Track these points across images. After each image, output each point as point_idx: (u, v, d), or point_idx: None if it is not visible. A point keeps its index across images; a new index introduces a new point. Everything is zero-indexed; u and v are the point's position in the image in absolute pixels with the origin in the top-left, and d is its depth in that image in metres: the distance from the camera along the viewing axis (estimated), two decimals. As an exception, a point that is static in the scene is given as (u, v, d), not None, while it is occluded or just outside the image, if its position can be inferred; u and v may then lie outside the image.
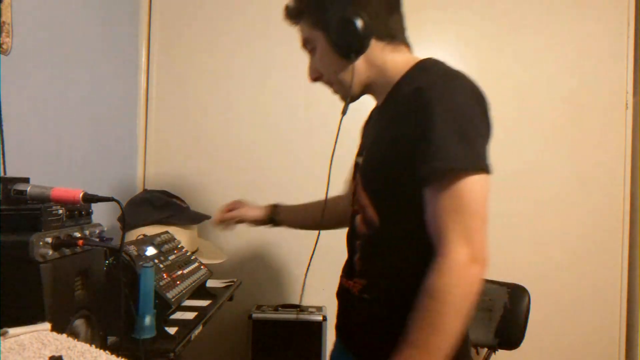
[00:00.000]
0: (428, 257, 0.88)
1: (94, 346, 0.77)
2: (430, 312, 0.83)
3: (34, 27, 1.35)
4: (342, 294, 1.11)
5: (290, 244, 2.11)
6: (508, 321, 1.72)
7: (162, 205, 1.65)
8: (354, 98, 1.06)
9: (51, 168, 1.45)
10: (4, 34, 1.21)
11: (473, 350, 1.94)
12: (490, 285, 1.80)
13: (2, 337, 0.73)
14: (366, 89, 1.06)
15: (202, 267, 1.50)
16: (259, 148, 2.15)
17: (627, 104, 2.13)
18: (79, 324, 0.91)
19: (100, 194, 0.93)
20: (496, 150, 2.11)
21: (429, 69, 0.98)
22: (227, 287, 1.68)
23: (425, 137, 0.86)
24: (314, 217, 1.34)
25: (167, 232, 1.52)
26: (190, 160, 2.16)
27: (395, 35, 1.03)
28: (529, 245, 2.13)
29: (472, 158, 0.86)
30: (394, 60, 1.02)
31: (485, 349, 1.77)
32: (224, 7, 2.15)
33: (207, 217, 1.79)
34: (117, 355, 0.74)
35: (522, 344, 1.70)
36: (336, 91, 1.08)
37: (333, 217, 1.29)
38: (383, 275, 0.99)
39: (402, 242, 0.97)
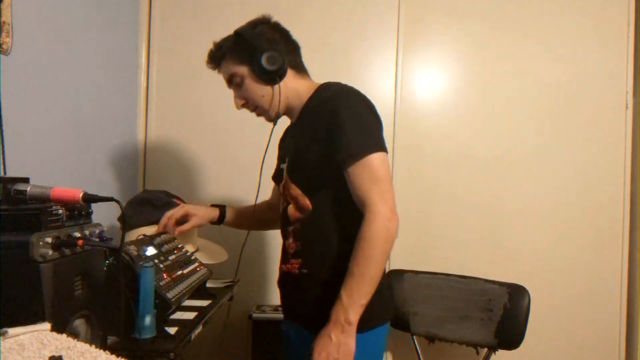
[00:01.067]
0: (347, 231, 1.18)
1: (94, 346, 0.77)
2: (364, 251, 1.12)
3: (34, 27, 1.35)
4: (283, 279, 1.34)
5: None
6: (508, 321, 1.72)
7: (162, 205, 1.65)
8: (279, 115, 1.35)
9: (51, 168, 1.45)
10: (4, 34, 1.21)
11: (473, 350, 1.95)
12: (490, 285, 1.81)
13: (2, 337, 0.73)
14: (286, 109, 1.34)
15: (202, 267, 1.50)
16: (260, 147, 2.14)
17: (627, 104, 2.13)
18: (79, 324, 0.91)
19: (101, 194, 0.93)
20: (497, 150, 2.13)
21: (329, 87, 1.28)
22: (227, 287, 1.68)
23: (338, 134, 1.17)
24: (252, 220, 1.61)
25: (167, 232, 1.52)
26: (190, 160, 2.16)
27: (301, 66, 1.35)
28: (529, 245, 2.13)
29: (373, 142, 1.17)
30: (303, 85, 1.33)
31: (485, 349, 1.77)
32: (223, 6, 2.15)
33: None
34: (117, 355, 0.74)
35: (522, 344, 1.70)
36: (259, 114, 1.37)
37: (268, 220, 1.60)
38: (316, 251, 1.24)
39: (331, 218, 1.23)
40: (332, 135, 1.18)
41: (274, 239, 2.12)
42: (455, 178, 2.14)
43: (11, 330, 0.74)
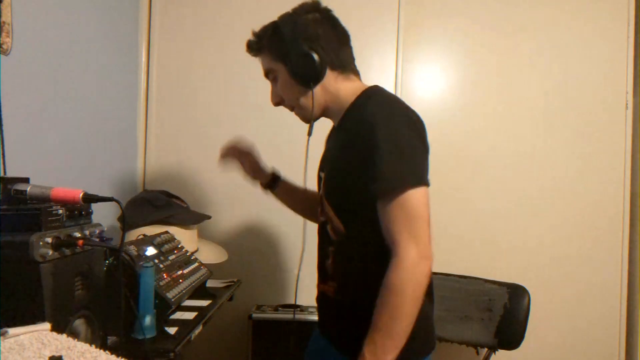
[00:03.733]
0: (385, 259, 1.04)
1: (94, 346, 0.77)
2: (389, 303, 0.99)
3: (34, 27, 1.35)
4: (320, 297, 1.25)
5: (291, 244, 2.11)
6: (508, 321, 1.72)
7: (162, 205, 1.65)
8: (314, 119, 1.22)
9: (51, 168, 1.45)
10: (4, 34, 1.21)
11: (473, 350, 1.94)
12: (490, 285, 1.80)
13: (2, 337, 0.73)
14: (324, 112, 1.21)
15: (202, 267, 1.50)
16: (260, 147, 2.14)
17: (627, 104, 2.13)
18: (79, 324, 0.91)
19: (101, 194, 0.93)
20: (497, 150, 2.13)
21: (371, 98, 1.13)
22: (227, 287, 1.68)
23: (372, 159, 1.02)
24: (303, 203, 1.46)
25: (167, 232, 1.52)
26: (190, 160, 2.16)
27: (345, 65, 1.19)
28: (529, 245, 2.13)
29: (411, 175, 1.02)
30: (345, 88, 1.18)
31: (485, 349, 1.77)
32: (223, 5, 2.15)
33: (207, 217, 1.79)
34: (117, 355, 0.74)
35: (522, 344, 1.70)
36: (297, 114, 1.23)
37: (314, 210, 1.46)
38: (351, 277, 1.14)
39: (364, 247, 1.11)
40: (367, 161, 1.03)
41: (274, 238, 2.12)
42: (455, 178, 2.14)
43: (11, 330, 0.74)
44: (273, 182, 1.46)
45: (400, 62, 2.14)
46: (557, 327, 2.12)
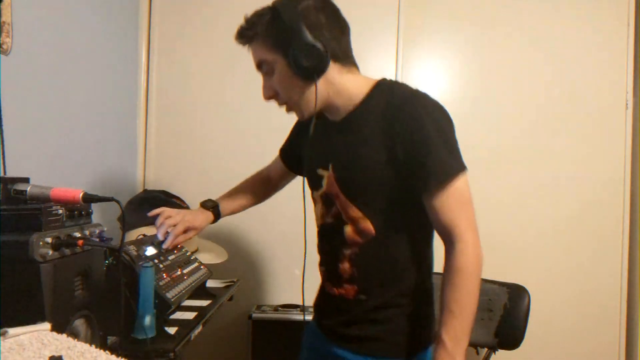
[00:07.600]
0: (418, 256, 1.11)
1: (94, 346, 0.77)
2: (462, 287, 1.01)
3: (34, 27, 1.35)
4: (329, 301, 1.19)
5: (291, 244, 2.11)
6: (508, 321, 1.72)
7: (162, 206, 1.65)
8: (314, 114, 1.11)
9: (51, 168, 1.45)
10: (4, 34, 1.21)
11: (473, 350, 1.94)
12: (490, 285, 1.80)
13: (2, 337, 0.73)
14: (323, 106, 1.12)
15: (202, 267, 1.50)
16: (259, 148, 2.14)
17: (627, 104, 2.13)
18: (79, 324, 0.91)
19: (100, 194, 0.93)
20: (497, 150, 2.13)
21: (397, 89, 1.10)
22: (227, 287, 1.68)
23: (422, 154, 1.02)
24: (250, 198, 1.51)
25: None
26: (190, 160, 2.16)
27: (348, 56, 1.11)
28: (529, 245, 2.13)
29: (459, 163, 1.06)
30: (352, 81, 1.10)
31: (485, 349, 1.77)
32: (224, 6, 2.15)
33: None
34: (117, 355, 0.74)
35: (522, 344, 1.70)
36: (290, 109, 1.13)
37: (265, 194, 1.54)
38: (379, 277, 1.12)
39: (396, 244, 1.10)
40: (413, 154, 1.02)
41: (275, 238, 2.12)
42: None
43: (11, 330, 0.74)
44: (218, 212, 1.43)
45: (400, 61, 2.14)
46: (557, 327, 2.12)
